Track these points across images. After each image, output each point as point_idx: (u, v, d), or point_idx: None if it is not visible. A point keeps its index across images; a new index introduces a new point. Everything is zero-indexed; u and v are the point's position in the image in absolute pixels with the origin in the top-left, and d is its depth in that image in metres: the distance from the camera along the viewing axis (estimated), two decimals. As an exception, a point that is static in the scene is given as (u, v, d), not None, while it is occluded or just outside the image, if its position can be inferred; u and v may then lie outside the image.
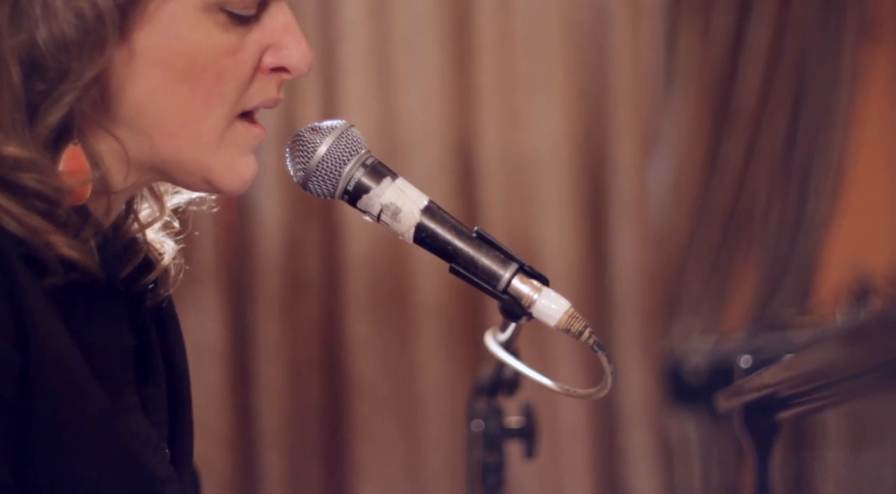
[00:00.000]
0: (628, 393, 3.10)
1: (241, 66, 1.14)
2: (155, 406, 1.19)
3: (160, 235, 1.25)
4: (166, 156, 1.14)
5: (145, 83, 1.11)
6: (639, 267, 3.15)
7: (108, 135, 1.12)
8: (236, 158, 1.15)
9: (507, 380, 1.99)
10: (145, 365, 1.20)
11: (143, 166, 1.14)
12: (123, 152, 1.12)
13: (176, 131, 1.13)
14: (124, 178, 1.14)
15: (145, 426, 1.15)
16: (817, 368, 1.32)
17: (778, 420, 1.69)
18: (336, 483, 3.02)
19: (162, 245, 1.25)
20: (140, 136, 1.12)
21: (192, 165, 1.14)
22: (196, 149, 1.14)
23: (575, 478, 3.06)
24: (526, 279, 1.19)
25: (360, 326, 3.05)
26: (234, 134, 1.15)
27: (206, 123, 1.13)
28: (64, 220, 1.07)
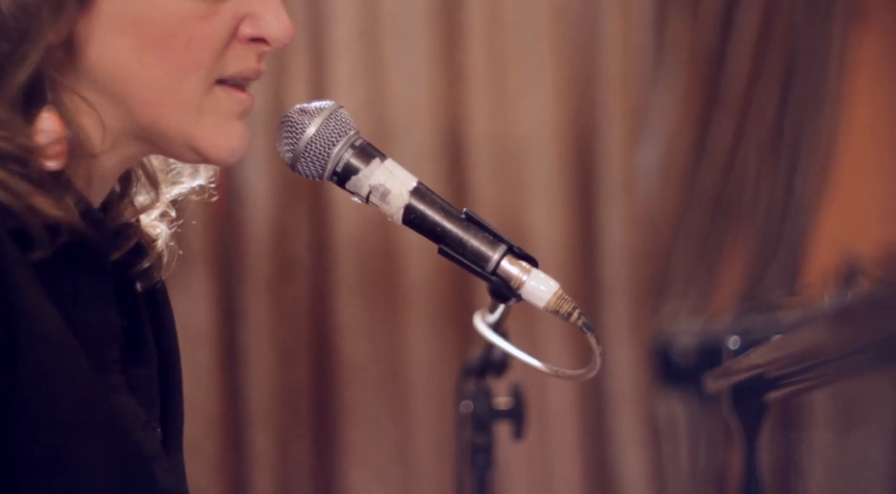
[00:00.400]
0: (617, 375, 3.11)
1: (214, 33, 1.11)
2: (146, 386, 1.19)
3: (154, 221, 1.25)
4: (145, 124, 1.12)
5: (113, 49, 1.10)
6: (627, 249, 3.15)
7: (82, 100, 1.10)
8: (220, 124, 1.13)
9: (495, 362, 1.99)
10: (136, 346, 1.20)
11: (124, 134, 1.13)
12: (98, 118, 1.11)
13: (150, 99, 1.11)
14: (101, 144, 1.12)
15: (133, 404, 1.15)
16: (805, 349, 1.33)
17: (766, 401, 1.70)
18: (324, 463, 3.03)
19: (155, 230, 1.24)
20: (114, 104, 1.11)
21: (174, 133, 1.13)
22: (174, 117, 1.12)
23: (563, 459, 3.07)
24: (515, 260, 1.19)
25: (349, 307, 3.06)
26: (214, 100, 1.13)
27: (180, 91, 1.11)
28: (40, 180, 1.06)
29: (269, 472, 2.97)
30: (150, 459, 1.14)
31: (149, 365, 1.21)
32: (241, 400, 3.00)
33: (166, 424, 1.22)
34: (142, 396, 1.17)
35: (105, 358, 1.13)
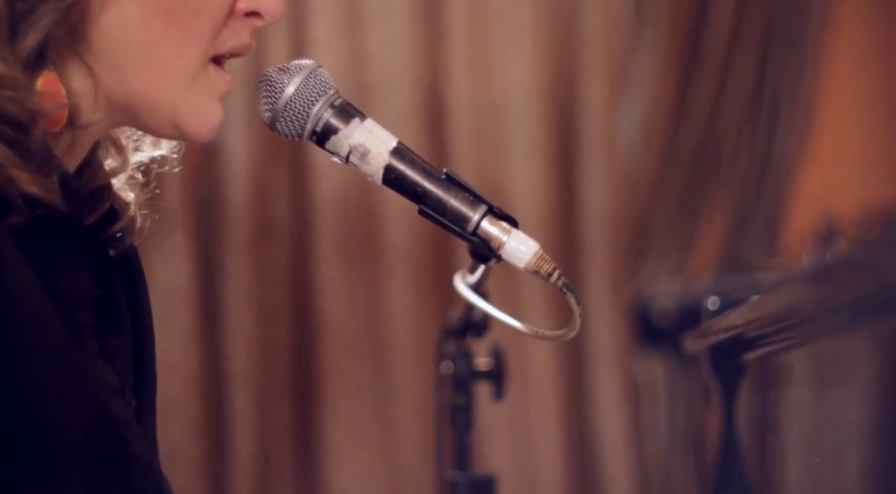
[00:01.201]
0: (596, 335, 3.12)
1: (218, 5, 1.13)
2: (119, 353, 1.19)
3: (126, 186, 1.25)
4: (137, 93, 1.13)
5: (122, 13, 1.10)
6: (608, 210, 3.16)
7: (83, 64, 1.11)
8: (206, 103, 1.15)
9: (475, 322, 1.99)
10: (109, 313, 1.19)
11: (112, 104, 1.14)
12: (93, 85, 1.11)
13: (149, 68, 1.12)
14: (91, 113, 1.13)
15: (107, 371, 1.15)
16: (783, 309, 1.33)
17: (744, 361, 1.71)
18: (304, 424, 3.04)
19: (128, 195, 1.24)
20: (113, 70, 1.12)
21: (162, 106, 1.14)
22: (167, 89, 1.13)
23: (543, 419, 3.08)
24: (495, 221, 1.19)
25: (330, 268, 3.06)
26: (207, 77, 1.15)
27: (179, 62, 1.13)
28: (31, 150, 1.06)
29: (248, 432, 2.98)
30: (122, 425, 1.14)
31: (122, 334, 1.21)
32: (220, 360, 3.01)
33: (139, 393, 1.22)
34: (115, 364, 1.17)
35: (79, 324, 1.13)
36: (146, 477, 1.17)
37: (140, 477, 1.16)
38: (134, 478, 1.15)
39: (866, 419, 1.13)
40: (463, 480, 1.99)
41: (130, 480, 1.14)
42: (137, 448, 1.16)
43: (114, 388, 1.15)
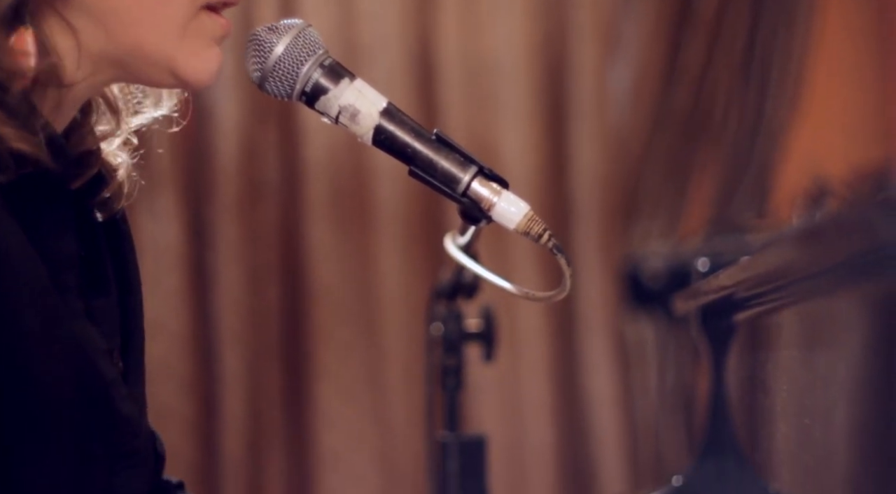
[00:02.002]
0: (586, 297, 3.13)
1: None
2: (105, 317, 1.19)
3: (116, 150, 1.24)
4: (126, 46, 1.11)
5: None
6: (598, 171, 3.16)
7: (62, 20, 1.09)
8: (202, 47, 1.13)
9: (466, 284, 2.00)
10: (95, 277, 1.19)
11: (100, 59, 1.12)
12: (75, 42, 1.10)
13: (135, 19, 1.10)
14: (75, 71, 1.11)
15: (93, 331, 1.15)
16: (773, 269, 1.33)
17: (734, 322, 1.71)
18: (295, 385, 3.04)
19: (116, 159, 1.23)
20: (96, 25, 1.10)
21: (156, 55, 1.12)
22: (158, 39, 1.12)
23: (533, 380, 3.09)
24: (485, 182, 1.19)
25: (319, 230, 3.05)
26: (199, 24, 1.13)
27: (167, 11, 1.11)
28: (13, 108, 1.05)
29: (239, 393, 2.99)
30: (110, 385, 1.14)
31: (108, 297, 1.20)
32: (211, 322, 3.01)
33: (126, 356, 1.22)
34: (101, 326, 1.17)
35: (64, 284, 1.13)
36: (134, 438, 1.17)
37: (127, 438, 1.16)
38: (121, 438, 1.15)
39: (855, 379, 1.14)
40: (453, 441, 1.99)
41: (117, 440, 1.14)
42: (124, 409, 1.16)
43: (100, 348, 1.15)
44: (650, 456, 3.09)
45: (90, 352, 1.12)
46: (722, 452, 1.73)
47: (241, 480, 2.97)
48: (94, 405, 1.11)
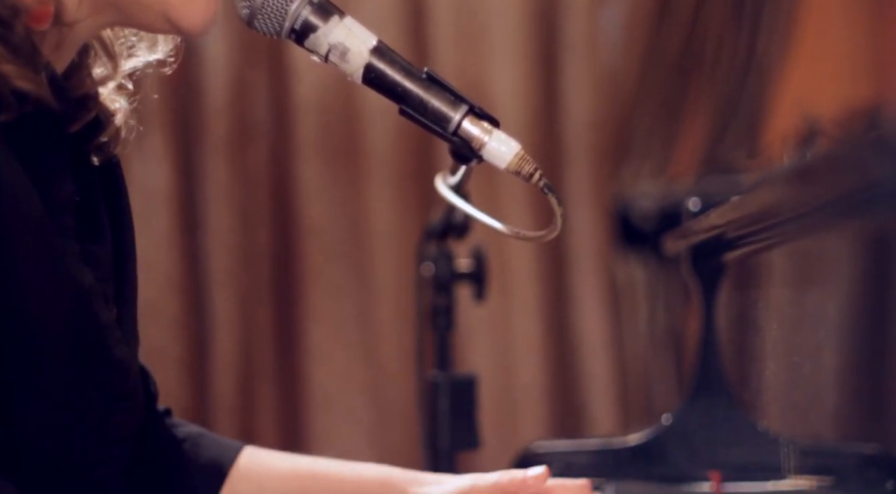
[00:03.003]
0: (577, 237, 3.13)
1: None
2: (99, 262, 1.19)
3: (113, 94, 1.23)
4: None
5: None
6: (589, 111, 3.14)
7: None
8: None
9: (457, 224, 2.00)
10: (89, 221, 1.19)
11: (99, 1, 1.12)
12: None
13: None
14: (77, 10, 1.11)
15: (88, 274, 1.15)
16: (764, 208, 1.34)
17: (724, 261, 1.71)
18: (286, 326, 3.05)
19: (114, 104, 1.23)
20: None
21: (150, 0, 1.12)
22: None
23: (524, 320, 3.10)
24: (476, 121, 1.19)
25: (310, 170, 3.04)
26: None
27: None
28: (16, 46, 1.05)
29: (230, 334, 2.99)
30: (104, 328, 1.14)
31: (102, 242, 1.20)
32: (201, 263, 3.00)
33: (120, 302, 1.22)
34: (95, 270, 1.17)
35: (62, 226, 1.13)
36: (126, 381, 1.18)
37: (120, 380, 1.16)
38: (114, 380, 1.15)
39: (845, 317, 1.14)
40: (444, 380, 2.00)
41: (110, 382, 1.15)
42: (118, 352, 1.16)
43: (95, 291, 1.15)
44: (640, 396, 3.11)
45: (86, 295, 1.13)
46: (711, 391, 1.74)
47: (233, 420, 2.98)
48: (89, 347, 1.12)
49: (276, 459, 1.43)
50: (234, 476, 1.39)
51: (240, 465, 1.40)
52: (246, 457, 1.41)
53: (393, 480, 1.38)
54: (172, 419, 1.43)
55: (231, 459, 1.40)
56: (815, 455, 1.53)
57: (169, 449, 1.38)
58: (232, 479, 1.39)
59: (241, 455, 1.41)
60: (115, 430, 1.16)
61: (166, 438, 1.39)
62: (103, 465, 1.15)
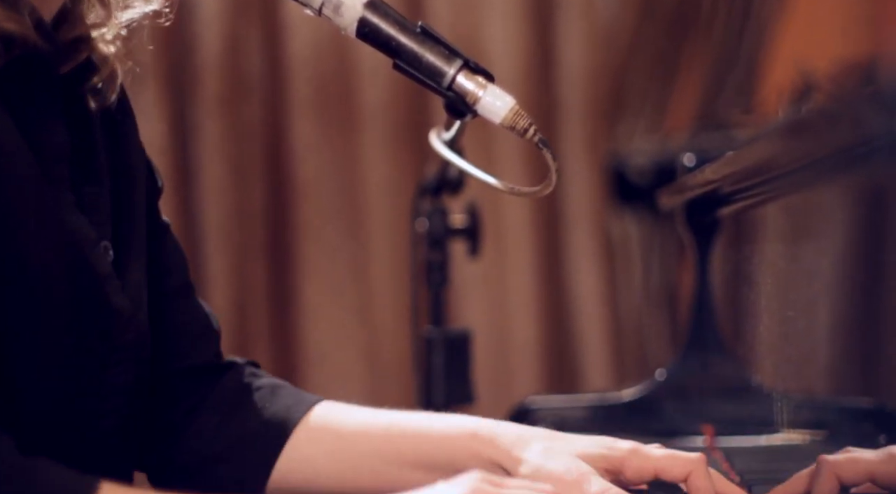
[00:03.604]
0: (572, 193, 3.13)
1: None
2: (96, 205, 1.18)
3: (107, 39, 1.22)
4: None
5: None
6: (584, 66, 3.13)
7: None
8: None
9: (451, 179, 1.99)
10: (85, 165, 1.18)
11: None
12: None
13: None
14: None
15: (84, 223, 1.14)
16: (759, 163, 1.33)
17: (719, 217, 1.72)
18: (281, 283, 3.05)
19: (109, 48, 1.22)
20: None
21: None
22: None
23: (518, 276, 3.10)
24: (471, 75, 1.18)
25: (304, 126, 3.03)
26: None
27: None
28: None
29: (224, 290, 2.99)
30: (102, 278, 1.14)
31: (99, 184, 1.19)
32: (195, 219, 3.00)
33: (119, 244, 1.21)
34: (91, 215, 1.16)
35: (55, 174, 1.12)
36: (127, 330, 1.17)
37: (120, 330, 1.16)
38: (114, 330, 1.15)
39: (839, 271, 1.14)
40: (438, 336, 2.01)
41: (110, 332, 1.15)
42: (117, 301, 1.16)
43: (92, 240, 1.15)
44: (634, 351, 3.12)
45: (82, 246, 1.12)
46: (705, 346, 1.75)
47: (228, 375, 2.98)
48: (86, 298, 1.11)
49: (356, 413, 1.30)
50: (304, 428, 1.28)
51: (313, 419, 1.29)
52: (322, 411, 1.30)
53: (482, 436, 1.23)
54: (254, 369, 1.35)
55: (302, 412, 1.29)
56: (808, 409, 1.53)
57: (242, 396, 1.31)
58: (302, 432, 1.28)
59: (316, 408, 1.30)
60: (116, 381, 1.16)
61: (243, 385, 1.32)
62: (103, 417, 1.15)
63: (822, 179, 1.16)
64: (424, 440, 1.27)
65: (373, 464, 1.27)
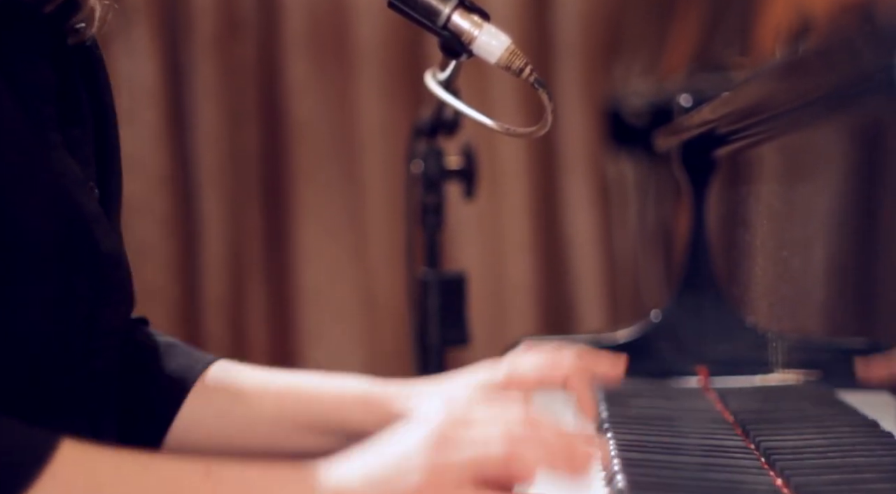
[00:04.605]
0: (568, 135, 3.12)
1: None
2: (80, 146, 1.18)
3: None
4: None
5: None
6: (581, 7, 3.11)
7: None
8: None
9: (446, 120, 1.98)
10: (69, 105, 1.18)
11: None
12: None
13: None
14: None
15: (72, 164, 1.14)
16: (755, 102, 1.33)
17: (715, 157, 1.71)
18: (276, 224, 3.05)
19: None
20: None
21: None
22: None
23: (513, 218, 3.10)
24: (466, 14, 1.18)
25: (298, 67, 3.02)
26: None
27: None
28: None
29: (220, 231, 2.99)
30: (91, 219, 1.14)
31: (83, 125, 1.19)
32: (189, 160, 2.99)
33: (103, 185, 1.21)
34: (78, 156, 1.16)
35: (41, 115, 1.11)
36: (116, 271, 1.17)
37: (110, 271, 1.16)
38: (104, 272, 1.15)
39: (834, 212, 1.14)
40: (434, 278, 2.01)
41: (99, 274, 1.14)
42: (106, 244, 1.15)
43: (80, 182, 1.14)
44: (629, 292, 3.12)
45: (70, 187, 1.12)
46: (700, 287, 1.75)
47: (223, 317, 2.99)
48: (76, 240, 1.11)
49: (250, 375, 1.35)
50: (199, 389, 1.33)
51: (208, 379, 1.33)
52: (216, 371, 1.34)
53: (374, 398, 1.31)
54: (147, 328, 1.39)
55: (198, 372, 1.33)
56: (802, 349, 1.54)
57: (137, 356, 1.34)
58: (197, 392, 1.32)
59: (211, 368, 1.34)
60: (105, 321, 1.16)
61: (137, 344, 1.35)
62: (94, 357, 1.15)
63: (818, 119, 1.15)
64: (317, 402, 1.31)
65: (265, 427, 1.31)
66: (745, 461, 1.18)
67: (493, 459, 0.95)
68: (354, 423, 1.28)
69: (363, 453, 0.99)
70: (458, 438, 0.97)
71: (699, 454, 1.19)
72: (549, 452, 0.97)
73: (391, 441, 0.99)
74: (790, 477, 1.07)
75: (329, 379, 1.35)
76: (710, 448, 1.22)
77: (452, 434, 0.97)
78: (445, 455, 0.95)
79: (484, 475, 0.95)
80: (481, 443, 0.96)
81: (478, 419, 0.99)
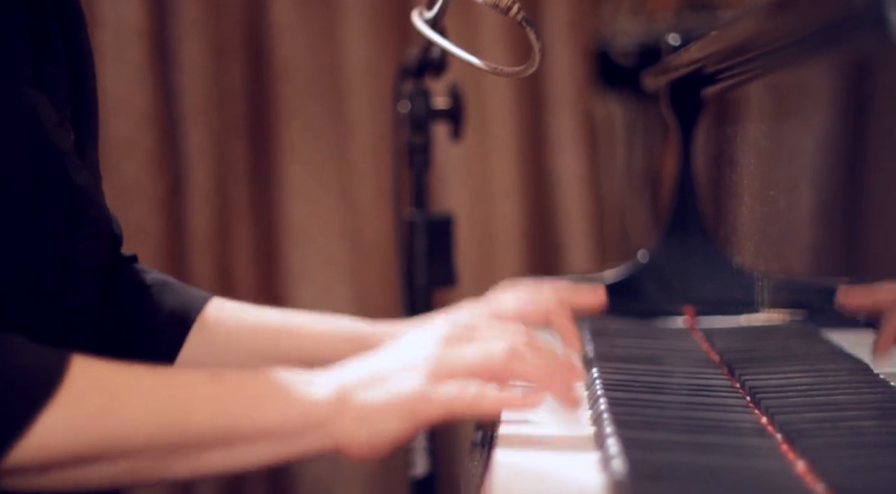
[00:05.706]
0: (556, 75, 3.10)
1: None
2: (54, 83, 1.16)
3: None
4: None
5: None
6: (568, -54, 3.09)
7: None
8: None
9: (433, 60, 1.97)
10: (42, 41, 1.16)
11: None
12: None
13: None
14: None
15: (44, 100, 1.13)
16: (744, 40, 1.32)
17: (703, 97, 1.71)
18: (262, 163, 3.03)
19: None
20: None
21: None
22: None
23: (500, 159, 3.09)
24: (452, -49, 1.16)
25: (283, 4, 2.99)
26: None
27: None
28: None
29: (205, 169, 2.97)
30: (63, 155, 1.13)
31: (57, 64, 1.18)
32: (174, 98, 2.97)
33: (78, 125, 1.20)
34: (51, 94, 1.15)
35: (13, 52, 1.10)
36: (89, 207, 1.17)
37: (83, 207, 1.16)
38: (77, 208, 1.14)
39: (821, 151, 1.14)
40: (421, 219, 2.00)
41: (73, 210, 1.14)
42: (78, 179, 1.15)
43: (52, 119, 1.13)
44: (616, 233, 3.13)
45: (42, 122, 1.11)
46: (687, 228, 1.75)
47: (208, 255, 2.98)
48: (48, 175, 1.10)
49: (246, 311, 1.39)
50: (199, 325, 1.36)
51: (206, 315, 1.36)
52: (213, 308, 1.38)
53: (363, 337, 1.36)
54: (138, 265, 1.40)
55: (197, 308, 1.36)
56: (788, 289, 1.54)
57: (134, 294, 1.36)
58: (198, 328, 1.36)
59: (209, 305, 1.38)
60: (80, 258, 1.16)
61: (132, 282, 1.36)
62: (71, 294, 1.15)
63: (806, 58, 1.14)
64: (309, 339, 1.37)
65: (261, 363, 1.35)
66: (731, 399, 1.18)
67: (496, 362, 1.03)
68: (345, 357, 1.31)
69: (371, 355, 1.07)
70: (463, 339, 1.06)
71: (685, 393, 1.19)
72: (546, 369, 1.05)
73: (400, 341, 1.07)
74: (775, 416, 1.08)
75: (321, 318, 1.40)
76: (695, 388, 1.22)
77: (459, 334, 1.06)
78: (451, 351, 1.03)
79: (483, 375, 1.03)
80: (485, 347, 1.04)
81: (483, 329, 1.08)
